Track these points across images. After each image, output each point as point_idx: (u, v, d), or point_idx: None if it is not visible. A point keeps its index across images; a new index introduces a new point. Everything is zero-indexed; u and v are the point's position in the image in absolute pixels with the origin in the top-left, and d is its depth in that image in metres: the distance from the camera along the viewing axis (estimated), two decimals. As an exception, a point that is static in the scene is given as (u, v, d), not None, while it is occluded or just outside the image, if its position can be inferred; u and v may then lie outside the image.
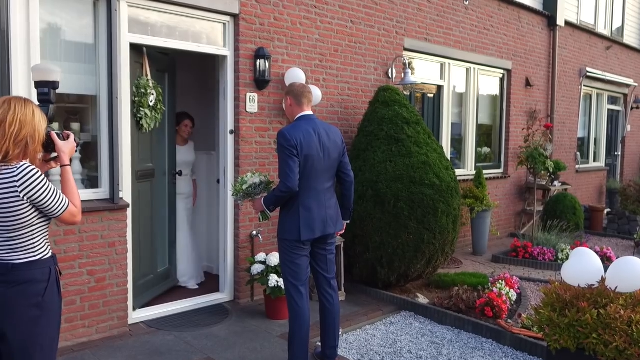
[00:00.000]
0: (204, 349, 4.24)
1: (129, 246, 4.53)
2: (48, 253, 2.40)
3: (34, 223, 2.31)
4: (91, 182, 4.49)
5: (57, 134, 2.47)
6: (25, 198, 2.24)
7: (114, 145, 4.35)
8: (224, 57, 5.14)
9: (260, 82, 5.22)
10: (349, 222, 4.17)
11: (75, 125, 4.43)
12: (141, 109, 4.66)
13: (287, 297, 3.82)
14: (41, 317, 2.30)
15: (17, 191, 2.22)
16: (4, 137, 2.22)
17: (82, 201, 2.62)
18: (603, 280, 3.34)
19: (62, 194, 2.37)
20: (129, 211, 4.52)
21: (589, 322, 3.15)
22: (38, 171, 2.28)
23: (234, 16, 5.09)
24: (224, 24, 5.09)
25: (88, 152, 4.47)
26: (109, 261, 4.38)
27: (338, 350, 4.19)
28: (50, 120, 2.49)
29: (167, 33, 4.77)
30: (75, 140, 2.55)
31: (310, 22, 5.67)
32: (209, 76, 6.16)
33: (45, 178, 2.30)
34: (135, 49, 4.62)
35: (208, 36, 5.06)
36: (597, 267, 3.42)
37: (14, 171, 2.23)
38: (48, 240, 2.43)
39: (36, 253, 2.34)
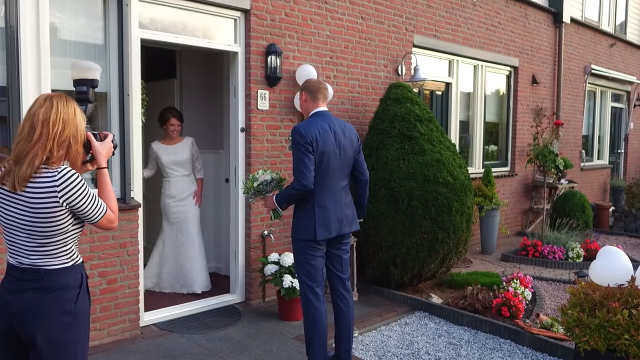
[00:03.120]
0: (219, 352, 4.14)
1: (140, 247, 4.44)
2: (79, 259, 2.29)
3: (69, 229, 2.19)
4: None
5: (93, 134, 2.33)
6: (65, 204, 2.11)
7: (125, 143, 4.25)
8: (235, 54, 5.04)
9: (271, 79, 5.13)
10: (361, 220, 4.05)
11: (85, 123, 4.32)
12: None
13: (303, 299, 3.72)
14: (74, 324, 2.20)
15: (56, 196, 2.09)
16: (48, 137, 2.09)
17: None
18: (633, 279, 3.27)
19: (99, 199, 2.24)
20: (140, 211, 4.42)
21: (620, 323, 3.07)
22: (79, 176, 2.15)
23: (245, 12, 4.99)
24: (235, 20, 4.99)
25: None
26: (120, 262, 4.27)
27: (353, 352, 4.12)
28: (89, 120, 2.36)
29: (178, 29, 4.66)
30: (112, 141, 2.40)
31: (321, 18, 5.58)
32: (216, 74, 6.07)
33: (85, 183, 2.17)
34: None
35: (219, 32, 4.96)
36: (627, 266, 3.35)
37: (55, 175, 2.10)
38: (78, 246, 2.32)
39: (69, 259, 2.23)
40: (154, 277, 5.45)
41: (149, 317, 4.65)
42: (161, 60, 6.20)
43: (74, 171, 2.15)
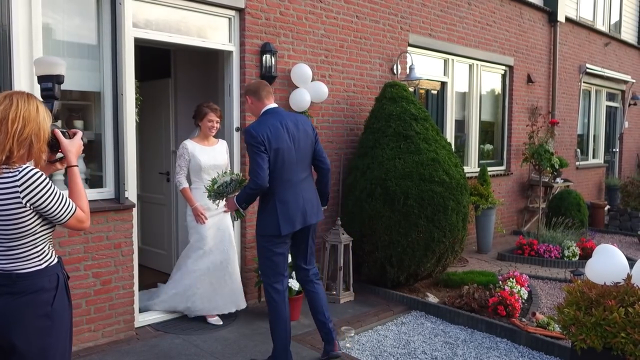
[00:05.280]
0: (214, 353, 4.12)
1: (135, 247, 4.41)
2: (54, 259, 2.22)
3: (37, 231, 2.12)
4: (96, 181, 4.36)
5: (62, 131, 2.27)
6: (28, 204, 2.04)
7: (119, 143, 4.22)
8: (230, 53, 5.02)
9: (266, 78, 5.09)
10: (325, 207, 4.10)
11: (79, 123, 4.30)
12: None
13: (266, 292, 3.81)
14: (52, 328, 2.14)
15: (19, 197, 2.02)
16: (7, 136, 2.02)
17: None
18: (629, 277, 3.26)
19: (68, 199, 2.17)
20: (135, 211, 4.39)
21: (617, 321, 3.06)
22: (42, 174, 2.08)
23: (240, 10, 4.97)
24: (230, 19, 4.97)
25: (92, 151, 4.33)
26: (114, 263, 4.24)
27: (350, 352, 4.12)
28: (55, 118, 2.29)
29: (172, 28, 4.64)
30: (82, 138, 2.34)
31: (316, 17, 5.56)
32: (211, 73, 6.04)
33: (50, 182, 2.10)
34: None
35: (213, 31, 4.93)
36: (623, 264, 3.35)
37: (16, 175, 2.03)
38: (52, 245, 2.26)
39: (42, 261, 2.16)
40: (184, 299, 4.69)
41: (144, 318, 4.61)
42: (156, 59, 6.16)
43: (36, 170, 2.08)
